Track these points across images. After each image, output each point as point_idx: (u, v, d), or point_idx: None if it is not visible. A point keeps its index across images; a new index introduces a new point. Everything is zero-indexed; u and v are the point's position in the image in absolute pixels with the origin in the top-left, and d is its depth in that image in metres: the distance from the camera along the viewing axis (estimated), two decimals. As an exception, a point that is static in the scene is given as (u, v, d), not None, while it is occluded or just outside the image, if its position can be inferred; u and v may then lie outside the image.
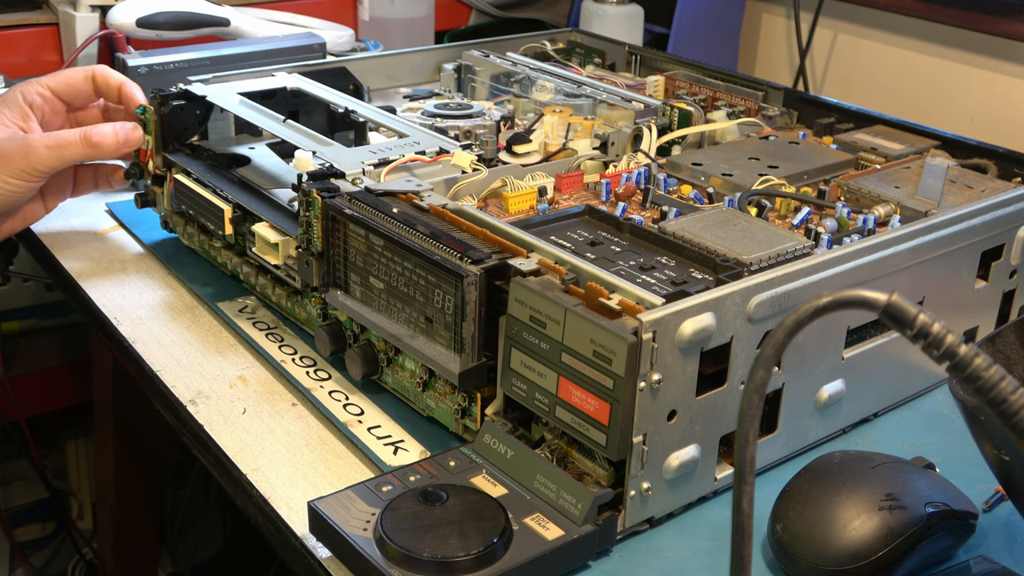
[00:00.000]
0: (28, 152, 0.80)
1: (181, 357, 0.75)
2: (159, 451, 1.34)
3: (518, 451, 0.59)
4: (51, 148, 0.80)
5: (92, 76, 0.86)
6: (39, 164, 0.80)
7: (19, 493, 1.51)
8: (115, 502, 1.30)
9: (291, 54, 1.03)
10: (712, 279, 0.62)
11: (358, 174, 0.72)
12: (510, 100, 0.98)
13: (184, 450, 1.44)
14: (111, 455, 1.26)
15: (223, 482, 0.66)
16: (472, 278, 0.59)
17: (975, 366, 0.38)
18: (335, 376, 0.72)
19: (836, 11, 1.34)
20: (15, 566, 1.47)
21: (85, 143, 0.81)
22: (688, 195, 0.79)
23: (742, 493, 0.40)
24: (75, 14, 1.15)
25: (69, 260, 0.89)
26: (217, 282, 0.84)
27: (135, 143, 0.83)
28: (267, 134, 0.87)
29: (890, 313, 0.39)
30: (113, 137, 0.82)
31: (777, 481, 0.60)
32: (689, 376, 0.56)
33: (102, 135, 0.81)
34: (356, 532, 0.54)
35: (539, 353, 0.57)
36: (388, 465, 0.63)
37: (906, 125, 0.91)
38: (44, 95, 0.85)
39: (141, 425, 1.25)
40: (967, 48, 1.21)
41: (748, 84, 0.98)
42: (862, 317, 0.65)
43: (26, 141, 0.80)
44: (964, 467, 0.64)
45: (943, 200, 0.76)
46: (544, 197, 0.77)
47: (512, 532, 0.54)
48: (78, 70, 0.87)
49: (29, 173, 0.80)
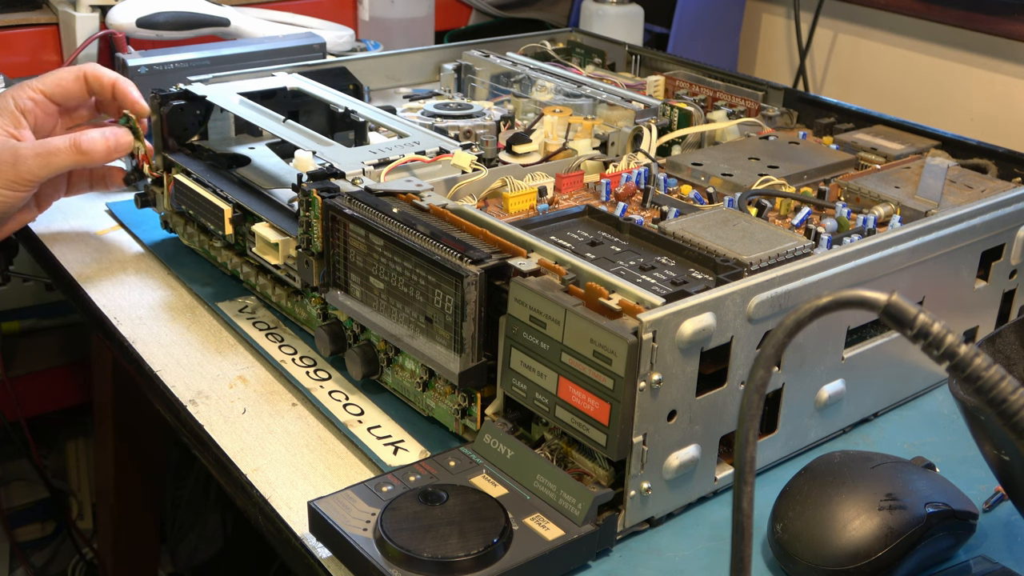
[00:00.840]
0: (17, 162, 0.79)
1: (181, 357, 0.75)
2: (159, 451, 1.34)
3: (518, 451, 0.59)
4: (40, 156, 0.80)
5: (84, 76, 0.85)
6: (28, 174, 0.80)
7: (19, 493, 1.51)
8: (115, 502, 1.30)
9: (291, 54, 1.03)
10: (712, 279, 0.62)
11: (358, 174, 0.72)
12: (510, 100, 0.98)
13: (184, 450, 1.44)
14: (111, 455, 1.26)
15: (223, 482, 0.66)
16: (472, 278, 0.59)
17: (975, 366, 0.38)
18: (335, 376, 0.72)
19: (836, 11, 1.34)
20: (15, 566, 1.47)
21: (74, 150, 0.80)
22: (688, 195, 0.79)
23: (742, 493, 0.40)
24: (75, 14, 1.15)
25: (69, 260, 0.89)
26: (217, 282, 0.84)
27: (125, 147, 0.83)
28: (267, 134, 0.87)
29: (890, 313, 0.39)
30: (103, 143, 0.81)
31: (777, 481, 0.60)
32: (689, 376, 0.56)
33: (91, 141, 0.81)
34: (356, 532, 0.54)
35: (539, 353, 0.57)
36: (388, 465, 0.63)
37: (906, 125, 0.91)
38: (36, 99, 0.85)
39: (141, 425, 1.25)
40: (967, 48, 1.21)
41: (748, 84, 0.98)
42: (862, 317, 0.65)
43: (15, 150, 0.80)
44: (964, 467, 0.64)
45: (943, 200, 0.76)
46: (544, 197, 0.77)
47: (512, 532, 0.54)
48: (69, 70, 0.86)
49: (19, 183, 0.80)
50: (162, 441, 1.34)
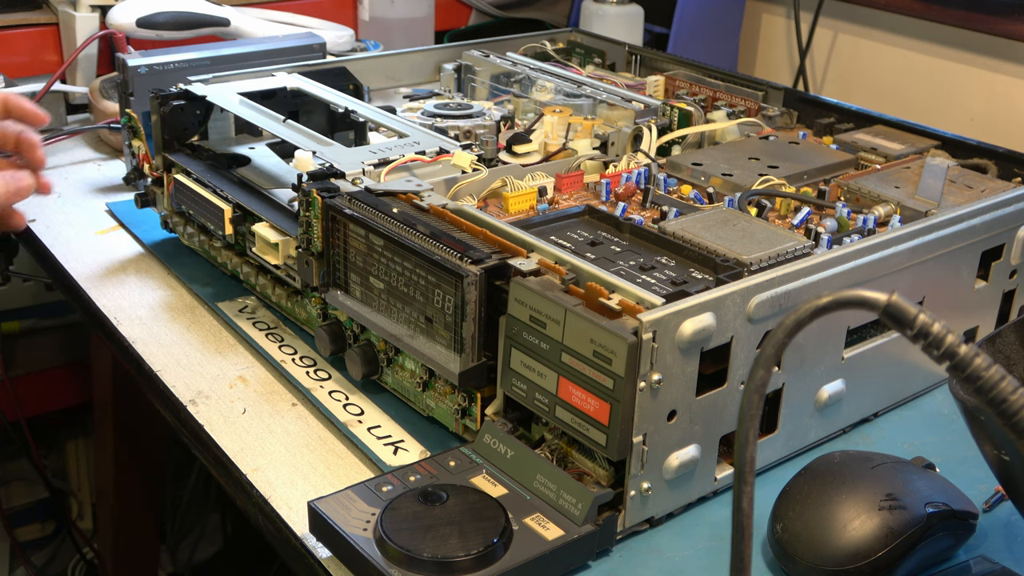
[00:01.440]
0: None
1: (181, 357, 0.75)
2: (159, 451, 1.34)
3: (518, 451, 0.59)
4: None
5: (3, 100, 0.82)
6: None
7: (19, 493, 1.51)
8: (115, 502, 1.29)
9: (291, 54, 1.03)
10: (712, 279, 0.62)
11: (358, 174, 0.72)
12: (510, 100, 0.98)
13: (184, 450, 1.44)
14: (111, 455, 1.26)
15: (223, 482, 0.66)
16: (472, 278, 0.59)
17: (975, 366, 0.38)
18: (335, 376, 0.72)
19: (836, 11, 1.34)
20: (15, 566, 1.47)
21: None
22: (688, 195, 0.79)
23: (742, 493, 0.40)
24: (75, 14, 1.15)
25: (69, 260, 0.89)
26: (217, 282, 0.84)
27: (25, 193, 0.80)
28: (267, 134, 0.87)
29: (890, 313, 0.39)
30: (3, 188, 0.78)
31: (777, 481, 0.60)
32: (689, 376, 0.56)
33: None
34: (356, 532, 0.54)
35: (539, 353, 0.57)
36: (388, 465, 0.63)
37: (906, 125, 0.91)
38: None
39: (141, 425, 1.25)
40: (967, 48, 1.21)
41: (748, 84, 0.98)
42: (862, 317, 0.65)
43: None
44: (964, 467, 0.64)
45: (943, 200, 0.76)
46: (544, 197, 0.77)
47: (512, 532, 0.54)
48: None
49: None
50: (162, 441, 1.34)
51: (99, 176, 1.06)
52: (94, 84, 1.11)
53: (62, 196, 1.01)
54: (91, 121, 1.13)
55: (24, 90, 1.10)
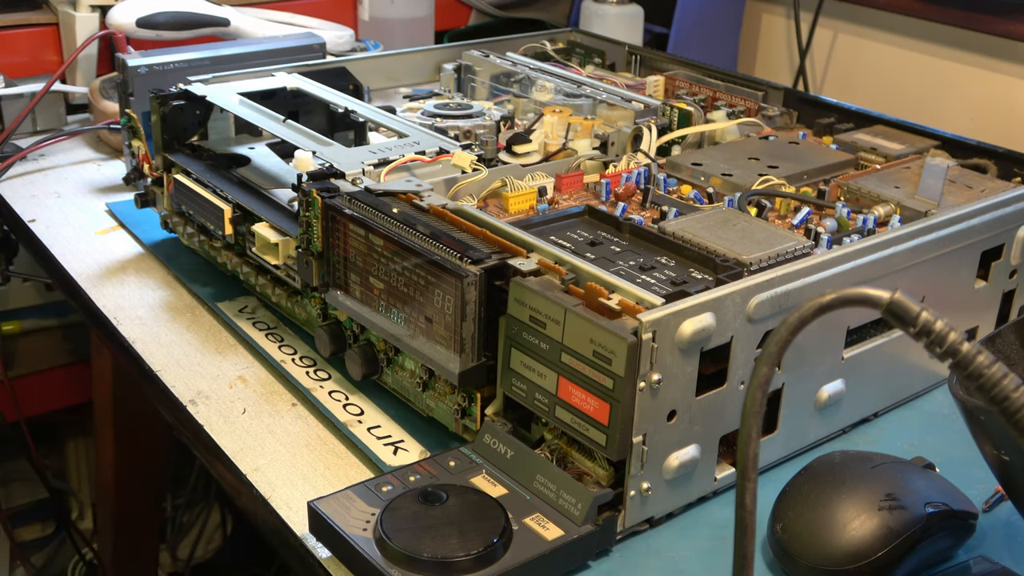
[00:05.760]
0: None
1: (181, 357, 0.75)
2: (159, 451, 1.34)
3: (518, 451, 0.59)
4: None
5: None
6: None
7: (19, 493, 1.51)
8: (115, 502, 1.29)
9: (291, 54, 1.03)
10: (712, 279, 0.62)
11: (358, 174, 0.72)
12: (510, 100, 0.98)
13: (184, 450, 1.43)
14: (111, 455, 1.26)
15: (223, 482, 0.66)
16: (472, 278, 0.59)
17: (977, 364, 0.38)
18: (335, 376, 0.72)
19: (836, 11, 1.34)
20: (15, 566, 1.47)
21: None
22: (688, 195, 0.79)
23: (745, 489, 0.40)
24: (75, 14, 1.15)
25: (69, 260, 0.89)
26: (217, 282, 0.84)
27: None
28: (267, 134, 0.87)
29: (893, 311, 0.39)
30: None
31: (777, 481, 0.59)
32: (689, 376, 0.56)
33: None
34: (356, 532, 0.54)
35: (539, 353, 0.57)
36: (388, 465, 0.63)
37: (906, 125, 0.91)
38: None
39: (141, 425, 1.25)
40: (967, 48, 1.21)
41: (748, 84, 0.98)
42: (862, 316, 0.65)
43: None
44: (964, 467, 0.64)
45: (943, 200, 0.76)
46: (544, 197, 0.77)
47: (512, 532, 0.54)
48: None
49: None
50: (162, 441, 1.34)
51: (99, 176, 1.06)
52: (94, 84, 1.11)
53: (62, 196, 1.01)
54: (91, 121, 1.13)
55: (24, 90, 1.10)
